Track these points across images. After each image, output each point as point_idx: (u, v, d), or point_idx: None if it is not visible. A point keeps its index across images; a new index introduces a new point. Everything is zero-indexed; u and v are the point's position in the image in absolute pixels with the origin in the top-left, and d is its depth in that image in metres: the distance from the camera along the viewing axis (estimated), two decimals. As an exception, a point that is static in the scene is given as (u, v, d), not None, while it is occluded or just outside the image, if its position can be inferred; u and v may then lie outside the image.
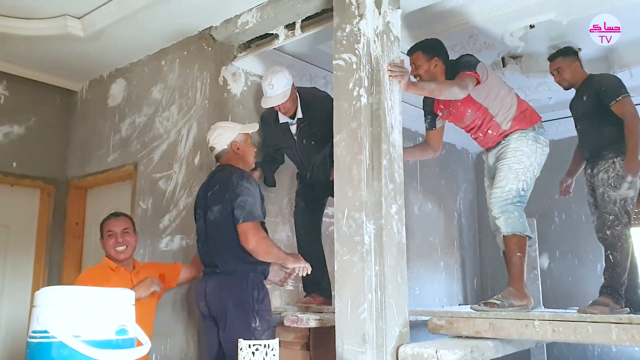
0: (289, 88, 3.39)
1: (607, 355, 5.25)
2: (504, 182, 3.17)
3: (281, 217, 4.02)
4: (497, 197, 3.17)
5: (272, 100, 3.41)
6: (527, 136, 3.22)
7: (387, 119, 2.71)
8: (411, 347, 2.44)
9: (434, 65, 3.29)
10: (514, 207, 3.14)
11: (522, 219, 3.16)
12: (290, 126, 3.59)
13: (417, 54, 3.33)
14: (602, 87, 3.39)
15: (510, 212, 3.13)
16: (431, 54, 3.30)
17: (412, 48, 3.38)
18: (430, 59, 3.29)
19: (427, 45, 3.34)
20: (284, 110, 3.48)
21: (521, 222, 3.14)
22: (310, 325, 3.14)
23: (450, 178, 6.00)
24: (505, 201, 3.14)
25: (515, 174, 3.16)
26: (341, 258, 2.61)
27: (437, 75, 3.29)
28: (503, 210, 3.14)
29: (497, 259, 5.95)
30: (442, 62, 3.31)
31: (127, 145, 4.22)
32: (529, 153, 3.19)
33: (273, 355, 2.10)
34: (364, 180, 2.61)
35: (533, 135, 3.23)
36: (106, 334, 1.61)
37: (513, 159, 3.20)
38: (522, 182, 3.16)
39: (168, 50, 4.04)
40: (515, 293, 3.05)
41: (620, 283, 3.21)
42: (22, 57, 4.26)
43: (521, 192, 3.16)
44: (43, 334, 1.57)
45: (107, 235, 3.13)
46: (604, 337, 2.32)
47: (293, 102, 3.48)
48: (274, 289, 3.83)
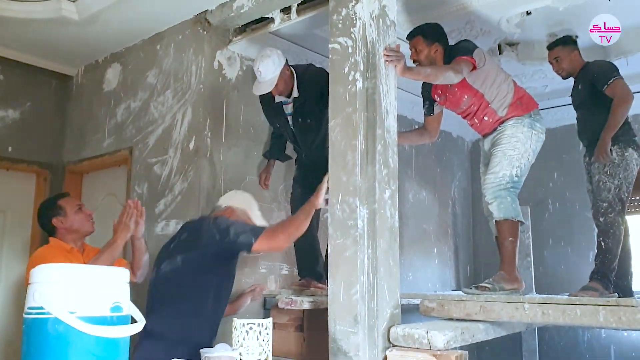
0: (276, 74, 3.33)
1: (597, 340, 5.31)
2: (497, 168, 3.18)
3: (276, 204, 4.04)
4: (491, 182, 3.19)
5: (260, 87, 3.38)
6: (523, 123, 3.23)
7: (383, 104, 2.72)
8: (402, 328, 2.47)
9: (434, 50, 3.29)
10: (507, 193, 3.16)
11: (515, 204, 3.18)
12: (284, 105, 3.59)
13: (417, 38, 3.32)
14: (594, 74, 3.42)
15: (503, 197, 3.15)
16: (432, 39, 3.29)
17: (412, 32, 3.36)
18: (430, 44, 3.29)
19: (427, 30, 3.33)
20: (276, 93, 3.47)
21: (513, 208, 3.16)
22: (304, 307, 3.18)
23: (445, 166, 6.02)
24: (498, 186, 3.16)
25: (509, 160, 3.17)
26: (335, 242, 2.63)
27: (436, 61, 3.29)
28: (496, 195, 3.16)
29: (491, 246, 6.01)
30: (442, 47, 3.30)
31: (122, 130, 4.22)
32: (524, 139, 3.20)
33: (267, 334, 2.13)
34: (358, 165, 2.62)
35: (529, 122, 3.24)
36: (101, 311, 1.63)
37: (507, 145, 3.21)
38: (515, 169, 3.17)
39: (163, 34, 4.03)
40: (506, 277, 3.08)
41: (610, 269, 3.26)
42: (17, 41, 4.25)
43: (515, 178, 3.17)
44: (39, 310, 1.58)
45: (77, 209, 3.06)
46: (591, 319, 2.35)
47: (286, 84, 3.45)
48: (269, 272, 3.87)
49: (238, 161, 3.82)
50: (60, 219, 3.02)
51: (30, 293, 1.62)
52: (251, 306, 3.72)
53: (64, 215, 3.03)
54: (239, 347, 2.09)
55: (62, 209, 3.04)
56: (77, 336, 1.56)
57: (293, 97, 3.52)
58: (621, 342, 5.18)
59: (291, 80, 3.48)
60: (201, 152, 3.61)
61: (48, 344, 1.56)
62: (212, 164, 3.65)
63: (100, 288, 1.66)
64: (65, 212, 3.04)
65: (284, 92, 3.49)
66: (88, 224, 3.10)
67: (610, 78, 3.32)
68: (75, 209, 3.07)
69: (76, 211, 3.06)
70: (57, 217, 3.02)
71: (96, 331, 1.58)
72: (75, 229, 3.04)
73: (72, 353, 1.56)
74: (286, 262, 4.01)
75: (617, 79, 3.32)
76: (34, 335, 1.58)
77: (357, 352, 2.45)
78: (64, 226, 3.02)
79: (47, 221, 3.04)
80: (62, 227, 3.02)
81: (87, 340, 1.57)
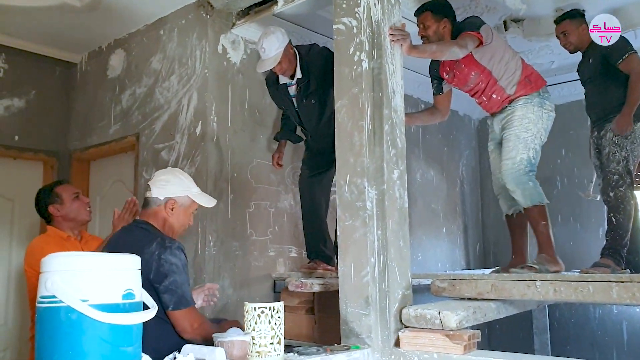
0: (280, 51, 3.31)
1: (608, 316, 5.31)
2: (514, 153, 3.14)
3: (284, 186, 4.04)
4: (509, 168, 3.14)
5: (264, 64, 3.36)
6: (533, 102, 3.18)
7: (389, 84, 2.69)
8: (414, 309, 2.47)
9: (443, 26, 3.24)
10: (528, 178, 3.12)
11: (538, 188, 3.15)
12: (288, 87, 3.56)
13: (425, 14, 3.27)
14: (607, 47, 3.36)
15: (525, 183, 3.11)
16: (440, 15, 3.24)
17: (420, 8, 3.31)
18: (439, 20, 3.23)
19: (436, 6, 3.28)
20: (279, 72, 3.44)
21: (538, 192, 3.13)
22: (314, 289, 3.19)
23: (453, 145, 5.99)
24: (518, 172, 3.12)
25: (524, 143, 3.13)
26: (344, 223, 2.62)
27: (445, 37, 3.24)
28: (517, 182, 3.12)
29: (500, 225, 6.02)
30: (450, 23, 3.25)
31: (128, 116, 4.21)
32: (535, 120, 3.16)
33: (278, 317, 2.13)
34: (365, 146, 2.60)
35: (538, 100, 3.19)
36: (113, 298, 1.62)
37: (520, 128, 3.16)
38: (531, 150, 3.13)
39: (166, 19, 4.00)
40: (549, 259, 3.05)
41: (622, 245, 3.24)
42: (20, 29, 4.23)
43: (532, 160, 3.14)
44: (51, 299, 1.58)
45: (74, 197, 3.04)
46: (604, 295, 2.34)
47: (290, 63, 3.42)
48: (278, 255, 3.88)
49: (244, 145, 3.81)
50: (57, 206, 3.00)
51: (42, 282, 1.62)
52: (261, 289, 3.74)
53: (60, 203, 3.00)
54: (251, 331, 2.09)
55: (59, 197, 3.01)
56: (90, 324, 1.56)
57: (297, 78, 3.49)
58: (633, 319, 5.17)
59: (295, 60, 3.45)
60: (207, 137, 3.59)
61: (61, 333, 1.56)
62: (219, 149, 3.64)
63: (112, 275, 1.65)
64: (62, 199, 3.01)
65: (287, 72, 3.46)
66: (85, 212, 3.07)
67: (625, 52, 3.27)
68: (73, 197, 3.04)
69: (73, 199, 3.03)
70: (53, 205, 3.00)
71: (109, 318, 1.58)
72: (72, 217, 3.02)
73: (86, 341, 1.56)
74: (295, 244, 4.02)
75: (632, 54, 3.27)
76: (47, 324, 1.58)
77: (370, 334, 2.46)
78: (61, 214, 3.00)
79: (44, 209, 3.02)
80: (59, 214, 3.00)
81: (100, 327, 1.57)
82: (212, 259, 3.49)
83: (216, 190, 3.58)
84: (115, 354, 1.60)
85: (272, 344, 2.11)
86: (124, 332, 1.63)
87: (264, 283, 3.77)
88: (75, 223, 3.06)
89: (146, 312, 1.72)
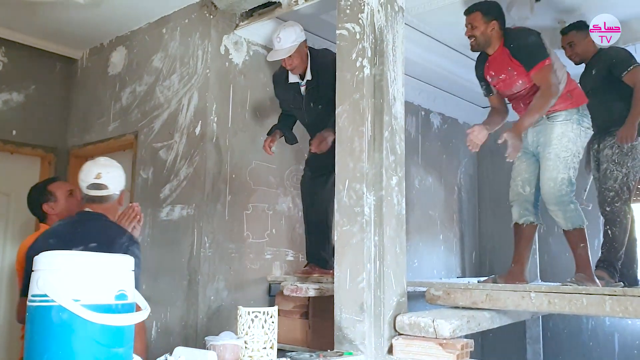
0: (296, 44, 3.33)
1: (601, 328, 5.31)
2: (554, 173, 3.08)
3: (282, 189, 4.03)
4: (551, 188, 3.09)
5: (277, 54, 3.35)
6: (572, 119, 3.12)
7: (390, 91, 2.69)
8: (408, 317, 2.47)
9: (491, 28, 3.18)
10: (569, 199, 3.08)
11: (578, 210, 3.12)
12: (300, 87, 3.54)
13: (475, 14, 3.21)
14: (612, 60, 3.37)
15: (567, 204, 3.07)
16: (490, 17, 3.18)
17: (470, 8, 3.26)
18: (488, 22, 3.18)
19: (486, 7, 3.22)
20: (290, 66, 3.42)
21: (579, 215, 3.10)
22: (309, 294, 3.18)
23: (452, 153, 5.99)
24: (559, 192, 3.07)
25: (564, 163, 3.08)
26: (341, 228, 2.62)
27: (492, 40, 3.19)
28: (559, 203, 3.08)
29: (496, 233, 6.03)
30: (499, 26, 3.19)
31: (127, 114, 4.20)
32: (574, 138, 3.11)
33: (272, 322, 2.12)
34: (365, 151, 2.60)
35: (577, 118, 3.13)
36: (106, 299, 1.61)
37: (560, 147, 3.11)
38: (571, 170, 3.08)
39: (169, 17, 3.99)
40: (587, 278, 3.00)
41: (616, 258, 3.24)
42: (21, 24, 4.22)
43: (572, 179, 3.09)
44: (42, 298, 1.57)
45: (68, 194, 2.96)
46: (598, 308, 2.34)
47: (302, 61, 3.42)
48: (274, 258, 3.87)
49: (244, 146, 3.80)
50: (51, 204, 2.93)
51: (34, 280, 1.61)
52: (256, 292, 3.73)
53: (54, 201, 2.94)
54: (244, 335, 2.08)
55: (53, 195, 2.95)
56: (82, 324, 1.55)
57: (306, 79, 3.48)
58: (625, 331, 5.17)
59: (306, 60, 3.44)
60: (207, 137, 3.59)
61: (52, 332, 1.55)
62: (218, 149, 3.63)
63: (104, 276, 1.64)
64: (56, 197, 2.94)
65: (297, 69, 3.45)
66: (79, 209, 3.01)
67: (629, 65, 3.28)
68: (67, 194, 2.97)
69: (67, 196, 2.96)
70: (47, 203, 2.93)
71: (101, 319, 1.57)
72: (66, 215, 2.92)
73: (76, 341, 1.55)
74: (291, 248, 4.01)
75: (637, 67, 3.28)
76: (38, 322, 1.57)
77: (363, 341, 2.45)
78: (55, 212, 2.93)
79: (37, 207, 2.96)
80: (53, 213, 2.93)
81: (92, 328, 1.56)
82: (207, 260, 3.47)
83: (214, 191, 3.57)
84: (106, 355, 1.59)
85: (265, 348, 2.10)
86: (115, 333, 1.61)
87: (259, 286, 3.76)
88: None
89: (138, 314, 1.71)
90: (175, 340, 3.36)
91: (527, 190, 3.29)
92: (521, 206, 3.32)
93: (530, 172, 3.30)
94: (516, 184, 3.35)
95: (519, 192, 3.32)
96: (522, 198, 3.30)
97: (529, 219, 3.31)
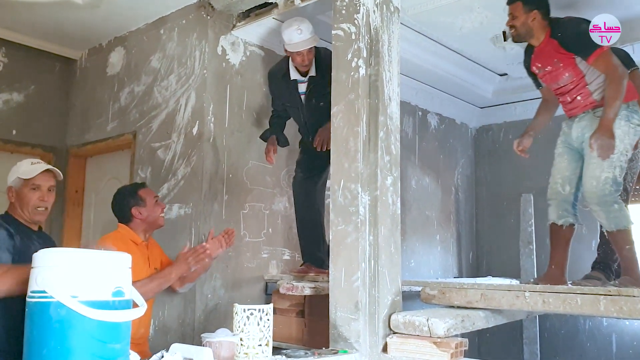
0: (315, 36, 3.36)
1: (598, 328, 5.33)
2: (598, 171, 2.94)
3: (279, 189, 4.05)
4: (593, 187, 2.95)
5: (302, 44, 3.33)
6: (620, 115, 2.94)
7: (385, 91, 2.71)
8: (403, 315, 2.49)
9: (532, 18, 3.08)
10: (613, 199, 2.93)
11: (623, 210, 2.96)
12: (299, 84, 3.54)
13: (516, 4, 3.12)
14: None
15: (610, 205, 2.93)
16: (531, 6, 3.09)
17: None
18: (528, 12, 3.08)
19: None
20: (307, 60, 3.42)
21: (623, 215, 2.95)
22: (305, 293, 3.20)
23: (449, 153, 6.01)
24: (602, 192, 2.93)
25: (609, 161, 2.91)
26: (336, 228, 2.64)
27: (534, 30, 3.10)
28: (601, 202, 2.94)
29: (493, 234, 6.05)
30: (541, 16, 3.09)
31: (126, 114, 4.23)
32: (622, 136, 2.93)
33: (267, 319, 2.14)
34: (360, 151, 2.62)
35: (625, 114, 2.98)
36: (103, 295, 1.64)
37: None
38: (617, 169, 2.93)
39: (167, 18, 4.02)
40: (633, 281, 2.87)
41: (613, 259, 3.24)
42: (21, 24, 4.24)
43: (617, 178, 2.94)
44: (41, 294, 1.60)
45: (155, 202, 3.01)
46: (592, 308, 2.35)
47: (310, 56, 3.43)
48: (271, 257, 3.89)
49: (241, 146, 3.82)
50: (140, 209, 2.96)
51: (33, 277, 1.64)
52: (253, 291, 3.76)
53: (143, 206, 2.97)
54: (240, 332, 2.11)
55: (143, 200, 2.98)
56: (79, 320, 1.58)
57: (310, 75, 3.49)
58: (623, 332, 5.19)
59: (313, 56, 3.46)
60: (204, 137, 3.61)
61: (50, 328, 1.57)
62: (215, 149, 3.66)
63: (102, 273, 1.67)
64: (145, 203, 2.98)
65: (306, 66, 3.46)
66: (162, 218, 3.04)
67: (628, 68, 3.25)
68: (154, 202, 3.01)
69: (154, 204, 3.01)
70: (136, 207, 2.96)
71: (98, 315, 1.60)
72: (150, 221, 2.98)
73: (74, 337, 1.57)
74: (288, 247, 4.03)
75: (635, 70, 3.25)
76: (36, 318, 1.60)
77: (358, 339, 2.47)
78: (142, 217, 2.96)
79: (125, 209, 2.97)
80: (140, 217, 2.96)
81: (89, 324, 1.59)
82: (205, 259, 3.49)
83: (211, 191, 3.59)
84: (103, 351, 1.62)
85: (260, 345, 2.12)
86: (112, 329, 1.64)
87: (255, 285, 3.78)
88: (152, 227, 3.03)
89: (135, 310, 1.73)
90: (172, 338, 3.38)
91: (566, 189, 3.16)
92: (560, 206, 3.19)
93: (572, 170, 3.16)
94: (555, 182, 3.21)
95: (558, 190, 3.18)
96: (560, 197, 3.17)
97: (568, 220, 3.17)
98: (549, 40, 3.09)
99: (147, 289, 2.67)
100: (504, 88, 5.67)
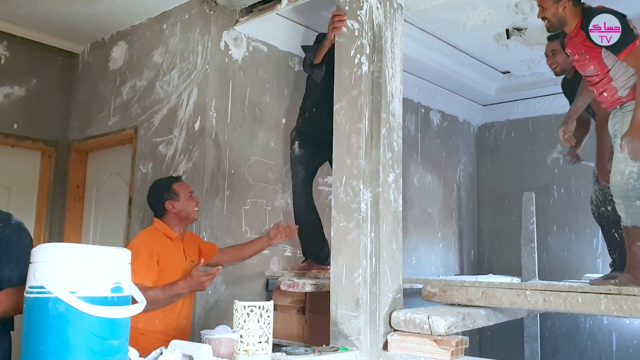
0: None
1: (599, 327, 5.32)
2: (622, 165, 2.90)
3: (281, 185, 4.04)
4: (617, 182, 2.92)
5: None
6: None
7: (388, 88, 2.70)
8: (404, 313, 2.48)
9: (562, 7, 2.98)
10: (635, 195, 2.89)
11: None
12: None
13: None
14: None
15: (632, 200, 2.90)
16: None
17: None
18: (558, 1, 2.98)
19: None
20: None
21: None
22: (306, 290, 3.20)
23: (451, 150, 6.00)
24: (625, 186, 2.89)
25: None
26: (338, 225, 2.63)
27: (567, 19, 3.01)
28: (623, 196, 2.91)
29: (495, 231, 6.04)
30: (572, 3, 2.99)
31: (127, 109, 4.22)
32: None
33: (267, 316, 2.13)
34: (362, 148, 2.61)
35: None
36: (102, 291, 1.63)
37: None
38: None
39: (170, 13, 4.00)
40: (634, 280, 2.84)
41: None
42: (23, 18, 4.23)
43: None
44: (40, 290, 1.58)
45: (189, 196, 2.97)
46: (592, 307, 2.34)
47: None
48: (272, 254, 3.88)
49: (243, 142, 3.81)
50: (173, 203, 2.92)
51: (31, 272, 1.62)
52: (254, 287, 3.75)
53: (177, 200, 2.93)
54: (240, 329, 2.10)
55: (177, 194, 2.94)
56: (78, 316, 1.56)
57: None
58: (623, 330, 5.18)
59: None
60: (206, 133, 3.60)
61: (48, 324, 1.56)
62: (217, 145, 3.65)
63: (101, 268, 1.65)
64: (179, 197, 2.94)
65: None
66: (195, 212, 3.00)
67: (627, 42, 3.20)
68: (188, 196, 2.98)
69: (188, 198, 2.97)
70: (170, 201, 2.92)
71: (97, 311, 1.59)
72: (184, 216, 2.94)
73: (73, 333, 1.56)
74: (289, 243, 4.02)
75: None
76: (34, 314, 1.59)
77: (358, 336, 2.46)
78: (175, 211, 2.92)
79: (159, 202, 2.94)
80: (173, 211, 2.92)
81: (88, 320, 1.57)
82: (206, 254, 3.48)
83: (213, 187, 3.59)
84: (102, 347, 1.61)
85: (260, 342, 2.11)
86: (111, 325, 1.63)
87: (256, 281, 3.78)
88: (186, 222, 2.99)
89: (134, 306, 1.72)
90: (172, 334, 3.38)
91: None
92: None
93: None
94: None
95: None
96: None
97: None
98: (579, 30, 3.00)
99: (158, 298, 2.64)
100: (507, 86, 5.66)
